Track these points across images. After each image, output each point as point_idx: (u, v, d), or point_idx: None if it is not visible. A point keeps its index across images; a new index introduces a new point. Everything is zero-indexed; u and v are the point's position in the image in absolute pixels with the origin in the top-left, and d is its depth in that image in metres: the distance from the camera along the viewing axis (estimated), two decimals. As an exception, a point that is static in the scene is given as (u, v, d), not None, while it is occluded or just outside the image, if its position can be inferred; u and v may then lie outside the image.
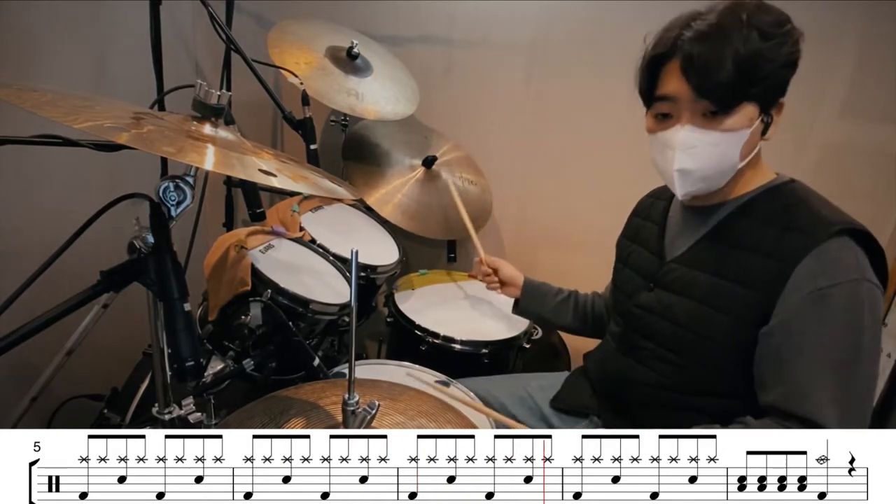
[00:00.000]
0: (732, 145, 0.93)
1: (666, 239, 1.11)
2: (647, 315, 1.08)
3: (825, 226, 0.89)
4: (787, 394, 0.88)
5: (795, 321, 0.88)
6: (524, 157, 2.03)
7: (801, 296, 0.87)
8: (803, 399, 0.86)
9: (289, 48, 1.61)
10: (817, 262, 0.87)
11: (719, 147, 0.92)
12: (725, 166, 0.95)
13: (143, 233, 0.74)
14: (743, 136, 0.92)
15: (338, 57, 1.71)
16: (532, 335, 1.65)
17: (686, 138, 0.93)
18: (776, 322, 0.89)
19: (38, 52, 1.31)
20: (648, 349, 1.07)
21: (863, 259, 0.87)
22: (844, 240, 0.88)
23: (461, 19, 1.93)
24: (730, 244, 0.98)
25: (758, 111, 0.92)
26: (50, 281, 0.79)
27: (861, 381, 0.86)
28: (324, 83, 1.59)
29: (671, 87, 0.93)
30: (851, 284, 0.85)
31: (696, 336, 0.99)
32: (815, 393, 0.85)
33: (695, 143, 0.93)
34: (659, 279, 1.08)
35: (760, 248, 0.93)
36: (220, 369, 1.15)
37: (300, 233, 1.48)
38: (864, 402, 0.87)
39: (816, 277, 0.86)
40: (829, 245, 0.87)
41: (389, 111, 1.72)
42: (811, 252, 0.87)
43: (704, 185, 0.97)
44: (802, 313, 0.87)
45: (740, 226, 0.98)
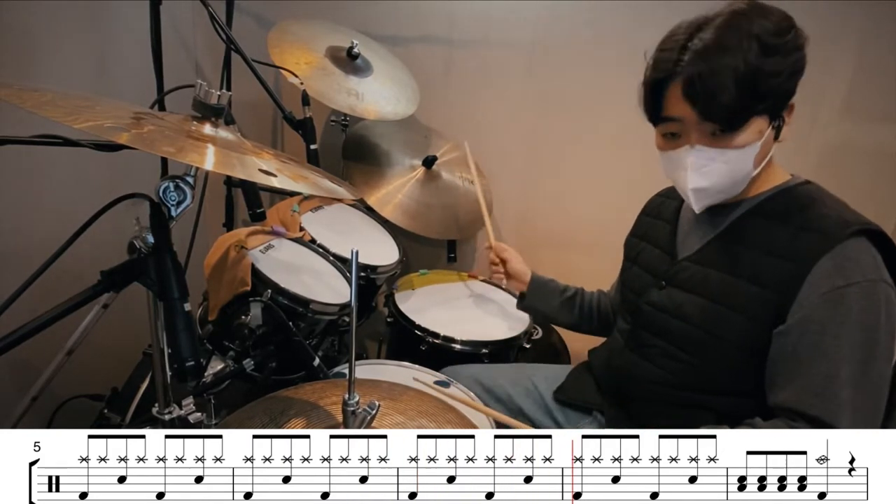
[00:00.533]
0: (745, 158, 0.92)
1: (678, 237, 1.11)
2: (657, 313, 1.08)
3: (842, 226, 0.88)
4: (801, 394, 0.87)
5: (812, 321, 0.87)
6: (524, 156, 2.03)
7: (818, 295, 0.87)
8: (817, 399, 0.86)
9: (289, 48, 1.61)
10: (834, 262, 0.87)
11: (731, 163, 0.92)
12: (739, 178, 0.95)
13: (144, 233, 0.74)
14: (755, 149, 0.92)
15: (338, 57, 1.71)
16: (532, 335, 1.65)
17: (697, 159, 0.93)
18: (793, 322, 0.89)
19: (39, 52, 1.31)
20: (658, 347, 1.07)
21: (879, 259, 0.87)
22: (861, 240, 0.88)
23: (461, 19, 1.93)
24: (743, 243, 0.97)
25: (767, 121, 0.91)
26: (50, 281, 0.79)
27: (875, 381, 0.86)
28: (324, 83, 1.59)
29: (676, 109, 0.91)
30: (869, 284, 0.85)
31: (707, 334, 0.98)
32: (830, 393, 0.85)
33: (706, 163, 0.92)
34: (671, 277, 1.07)
35: (775, 247, 0.93)
36: (220, 369, 1.15)
37: (300, 233, 1.48)
38: (878, 403, 0.87)
39: (834, 277, 0.86)
40: (846, 245, 0.87)
41: (390, 111, 1.72)
42: (828, 252, 0.87)
43: (721, 196, 0.98)
44: (819, 313, 0.87)
45: (754, 225, 0.97)
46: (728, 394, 0.99)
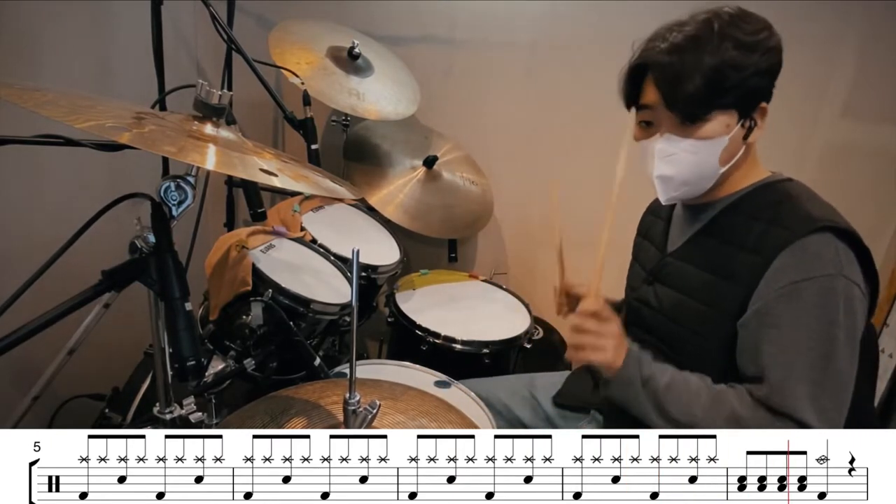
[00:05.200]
0: (711, 152, 0.94)
1: (669, 234, 1.13)
2: (644, 308, 1.10)
3: (807, 221, 0.89)
4: (765, 387, 0.88)
5: (769, 314, 0.88)
6: (525, 157, 2.03)
7: (775, 288, 0.88)
8: (781, 394, 0.86)
9: (290, 48, 1.62)
10: (794, 256, 0.87)
11: (698, 154, 0.94)
12: (705, 172, 0.96)
13: (145, 232, 0.75)
14: (721, 143, 0.93)
15: (339, 57, 1.71)
16: (533, 335, 1.65)
17: (664, 147, 0.95)
18: (751, 313, 0.90)
19: (40, 52, 1.31)
20: (649, 343, 1.08)
21: (844, 256, 0.87)
22: (826, 236, 0.87)
23: (462, 19, 1.93)
24: (720, 239, 0.99)
25: (736, 118, 0.92)
26: (51, 280, 0.79)
27: (835, 377, 0.86)
28: (325, 83, 1.59)
29: (649, 96, 0.96)
30: (826, 279, 0.85)
31: (686, 330, 1.00)
32: (791, 387, 0.86)
33: (673, 151, 0.95)
34: (657, 273, 1.09)
35: (746, 242, 0.94)
36: (221, 369, 1.16)
37: (301, 233, 1.48)
38: (840, 400, 0.86)
39: (791, 271, 0.87)
40: (808, 240, 0.87)
41: (391, 111, 1.72)
42: (789, 246, 0.88)
43: (687, 189, 0.99)
44: (775, 306, 0.88)
45: (731, 222, 0.99)
46: None
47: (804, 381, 0.85)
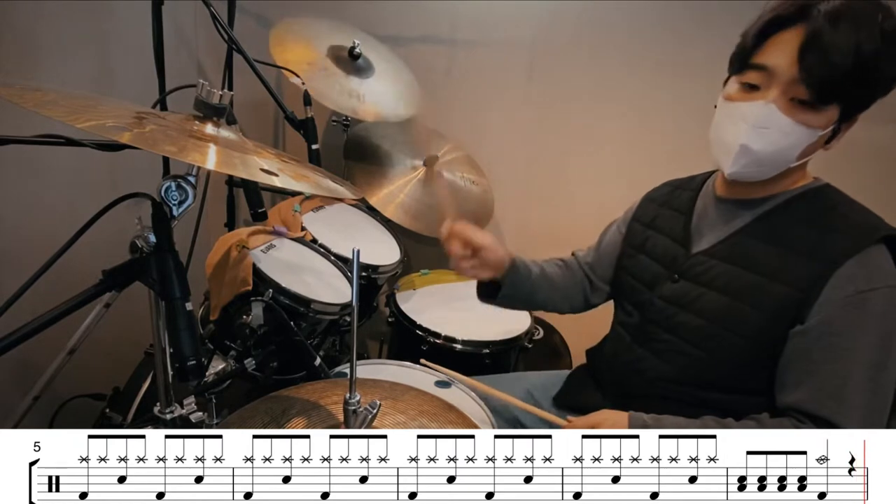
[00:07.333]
0: (799, 141, 0.89)
1: (693, 229, 1.09)
2: (670, 307, 1.06)
3: (871, 231, 0.89)
4: (813, 395, 0.88)
5: (833, 322, 0.88)
6: (526, 157, 2.03)
7: (840, 297, 0.87)
8: (830, 401, 0.86)
9: (291, 48, 1.62)
10: (859, 266, 0.87)
11: (788, 138, 0.89)
12: (781, 160, 0.92)
13: (145, 232, 0.75)
14: (813, 136, 0.89)
15: (339, 57, 1.71)
16: (533, 335, 1.65)
17: (764, 116, 0.88)
18: (813, 322, 0.89)
19: (41, 52, 1.31)
20: (667, 341, 1.06)
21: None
22: (882, 247, 0.89)
23: (463, 19, 1.93)
24: (767, 240, 0.97)
25: (838, 117, 0.88)
26: (52, 280, 0.79)
27: (886, 385, 0.87)
28: (325, 84, 1.59)
29: (776, 58, 0.87)
30: (889, 290, 0.87)
31: (722, 330, 0.98)
32: (843, 395, 0.86)
33: (769, 125, 0.89)
34: (685, 271, 1.06)
35: (800, 247, 0.93)
36: (221, 369, 1.16)
37: (302, 232, 1.48)
38: (886, 406, 0.88)
39: (857, 281, 0.87)
40: (871, 250, 0.88)
41: (391, 112, 1.72)
42: (854, 256, 0.88)
43: (756, 171, 0.94)
44: (840, 315, 0.87)
45: (781, 223, 0.97)
46: (733, 391, 0.99)
47: (858, 389, 0.86)
